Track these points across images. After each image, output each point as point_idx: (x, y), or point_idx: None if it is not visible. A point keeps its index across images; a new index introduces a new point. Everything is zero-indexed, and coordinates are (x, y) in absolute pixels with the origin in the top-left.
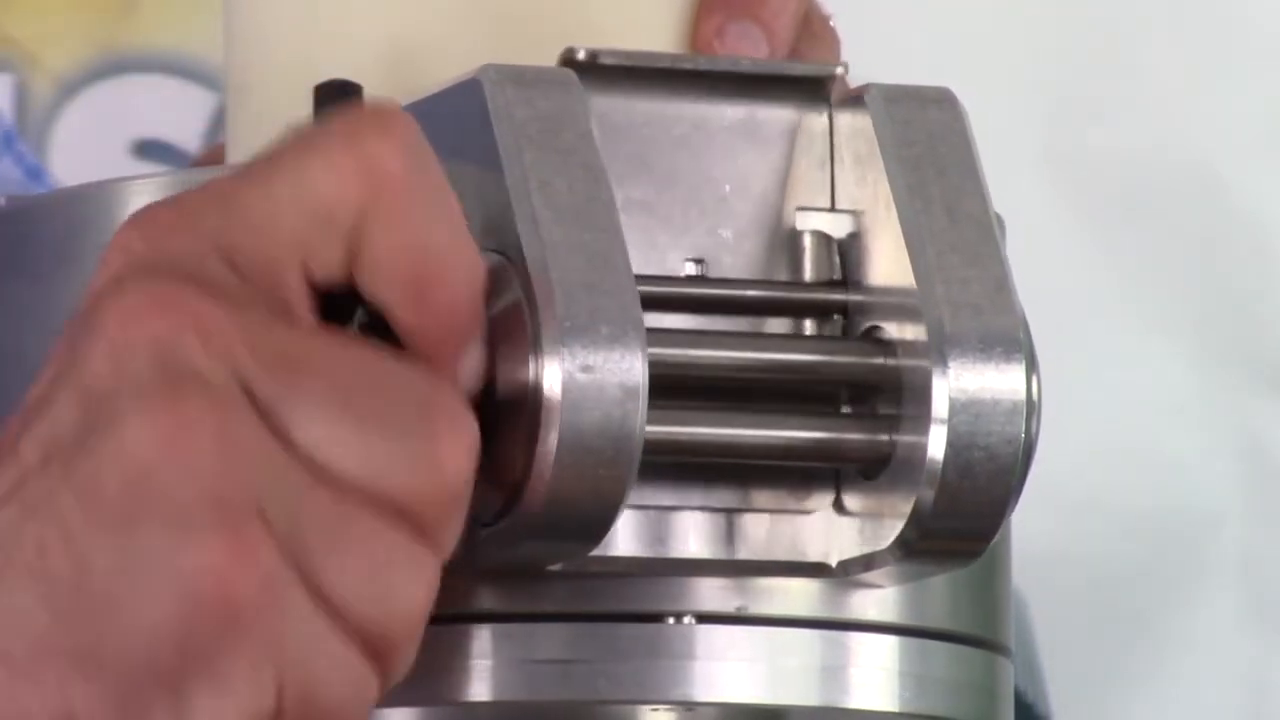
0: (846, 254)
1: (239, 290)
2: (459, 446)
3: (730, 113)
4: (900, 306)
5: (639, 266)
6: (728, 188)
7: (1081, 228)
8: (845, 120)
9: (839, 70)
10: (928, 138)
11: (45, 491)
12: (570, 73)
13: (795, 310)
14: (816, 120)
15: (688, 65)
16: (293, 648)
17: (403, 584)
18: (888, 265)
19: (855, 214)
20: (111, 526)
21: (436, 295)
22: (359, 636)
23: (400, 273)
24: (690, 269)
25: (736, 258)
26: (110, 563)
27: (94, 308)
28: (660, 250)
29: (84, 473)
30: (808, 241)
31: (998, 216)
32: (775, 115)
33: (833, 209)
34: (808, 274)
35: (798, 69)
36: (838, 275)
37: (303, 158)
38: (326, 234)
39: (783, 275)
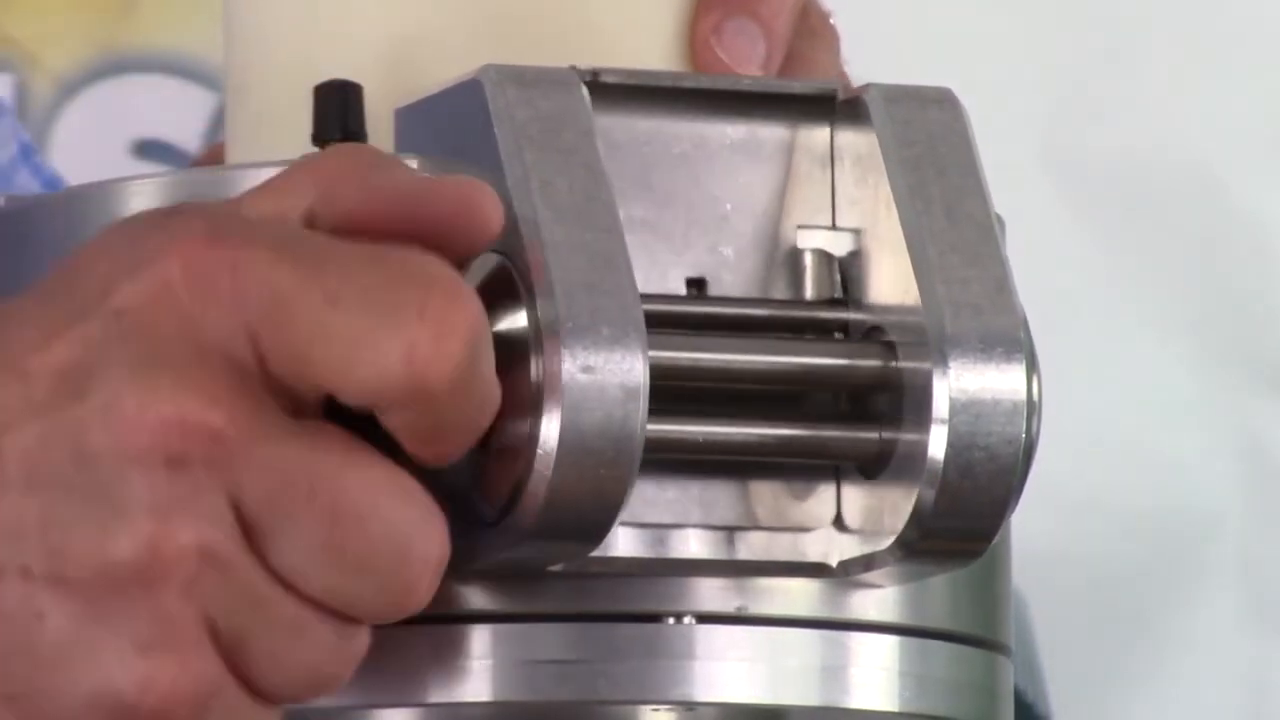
0: (847, 272)
1: (257, 384)
2: (427, 579)
3: (731, 131)
4: (901, 325)
5: (640, 285)
6: (729, 206)
7: (1081, 228)
8: (847, 138)
9: (840, 90)
10: (928, 138)
11: (23, 530)
12: (571, 72)
13: (796, 328)
14: (818, 137)
15: (689, 84)
16: None
17: (331, 666)
18: (889, 283)
19: (856, 232)
20: (77, 595)
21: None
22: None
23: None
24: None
25: (737, 276)
26: (65, 626)
27: (130, 330)
28: (661, 268)
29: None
30: (809, 259)
31: (998, 216)
32: (776, 133)
33: (834, 227)
34: (809, 292)
35: (798, 87)
36: (839, 293)
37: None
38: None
39: (784, 293)
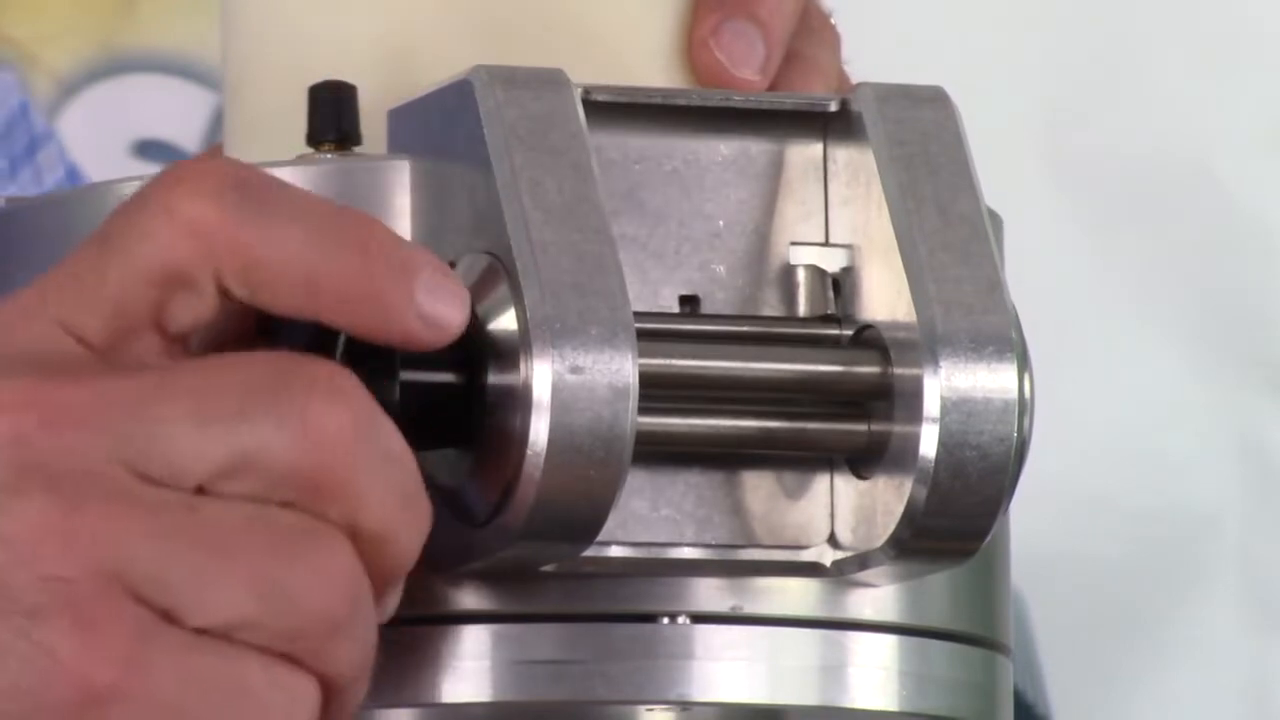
0: (841, 288)
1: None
2: (333, 581)
3: (723, 147)
4: (894, 325)
5: (632, 303)
6: (721, 223)
7: (1081, 227)
8: (840, 152)
9: (834, 105)
10: (920, 137)
11: None
12: (561, 73)
13: (789, 345)
14: (810, 152)
15: (680, 101)
16: None
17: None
18: (882, 290)
19: (849, 248)
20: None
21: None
22: None
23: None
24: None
25: (730, 293)
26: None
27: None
28: (653, 286)
29: None
30: (802, 276)
31: (993, 214)
32: (768, 149)
33: (827, 243)
34: (802, 308)
35: (790, 102)
36: (832, 309)
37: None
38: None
39: (777, 310)
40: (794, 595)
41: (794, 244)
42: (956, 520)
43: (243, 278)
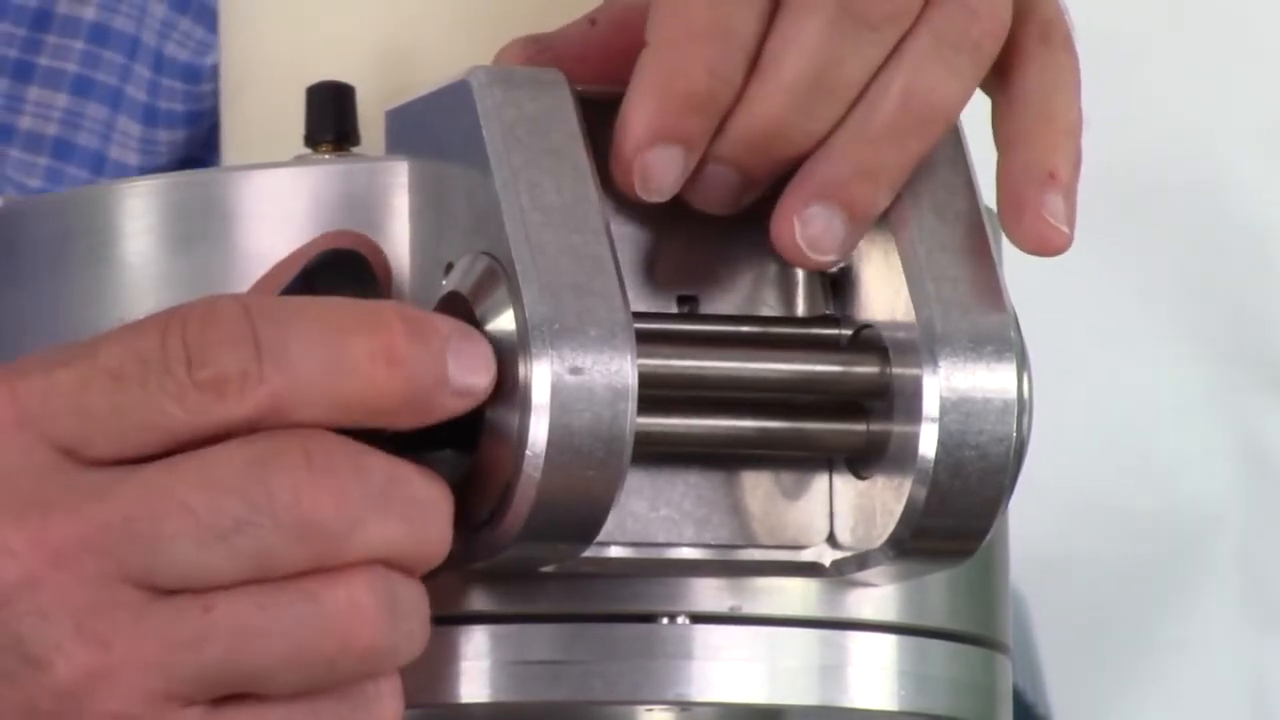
0: (839, 288)
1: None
2: (362, 610)
3: None
4: (893, 325)
5: (632, 304)
6: (720, 222)
7: (1081, 227)
8: None
9: None
10: None
11: None
12: (559, 73)
13: (788, 345)
14: None
15: None
16: None
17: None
18: (881, 291)
19: None
20: None
21: None
22: None
23: None
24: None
25: (729, 293)
26: None
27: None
28: (652, 286)
29: None
30: (800, 276)
31: (990, 211)
32: None
33: None
34: (801, 309)
35: None
36: (831, 310)
37: None
38: None
39: (776, 310)
40: (793, 595)
41: None
42: (956, 520)
43: (269, 419)
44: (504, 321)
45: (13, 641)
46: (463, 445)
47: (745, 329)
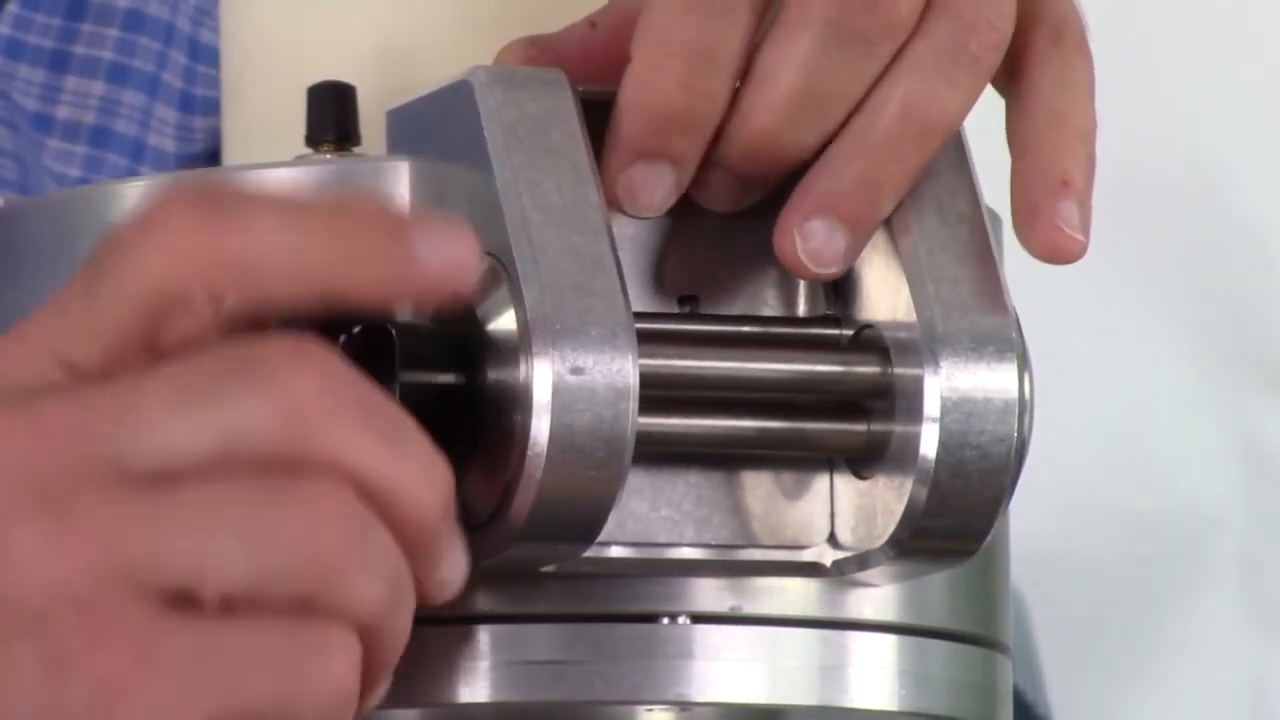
0: (840, 288)
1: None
2: (325, 517)
3: None
4: (894, 325)
5: (632, 303)
6: (721, 222)
7: None
8: None
9: None
10: None
11: None
12: (560, 73)
13: (789, 345)
14: None
15: None
16: None
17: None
18: (882, 291)
19: None
20: None
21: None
22: None
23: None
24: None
25: (730, 293)
26: None
27: None
28: (653, 285)
29: None
30: None
31: (993, 214)
32: None
33: None
34: (802, 309)
35: None
36: (831, 310)
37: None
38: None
39: (776, 310)
40: (794, 595)
41: None
42: (956, 520)
43: (234, 284)
44: (505, 321)
45: None
46: (463, 444)
47: (746, 329)
